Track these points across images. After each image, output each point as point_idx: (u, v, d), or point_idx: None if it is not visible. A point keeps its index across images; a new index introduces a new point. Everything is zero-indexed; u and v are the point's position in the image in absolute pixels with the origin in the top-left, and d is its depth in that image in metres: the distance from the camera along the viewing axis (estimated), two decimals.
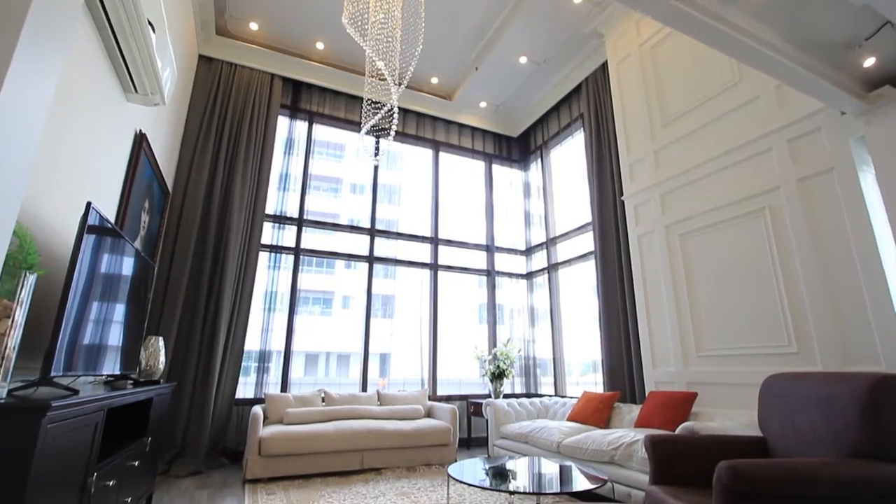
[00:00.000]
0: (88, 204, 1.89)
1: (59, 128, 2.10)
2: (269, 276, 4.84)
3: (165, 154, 4.03)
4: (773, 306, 3.02)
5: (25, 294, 1.52)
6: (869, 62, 2.43)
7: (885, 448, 1.55)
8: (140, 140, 3.18)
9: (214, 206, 4.45)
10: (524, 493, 2.29)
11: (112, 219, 2.89)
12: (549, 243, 5.92)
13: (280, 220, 5.02)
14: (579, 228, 5.38)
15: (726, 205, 3.38)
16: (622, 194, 4.41)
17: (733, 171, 3.38)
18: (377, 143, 4.66)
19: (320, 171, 6.37)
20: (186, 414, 3.99)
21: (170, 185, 4.25)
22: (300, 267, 5.03)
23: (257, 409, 3.74)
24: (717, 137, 3.52)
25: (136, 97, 2.93)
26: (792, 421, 1.93)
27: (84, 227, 1.84)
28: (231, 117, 4.75)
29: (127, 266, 2.49)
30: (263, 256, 4.82)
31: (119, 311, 2.46)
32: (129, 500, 2.31)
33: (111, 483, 1.97)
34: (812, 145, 2.91)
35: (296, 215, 5.14)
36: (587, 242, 5.16)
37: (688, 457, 2.11)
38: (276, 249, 4.93)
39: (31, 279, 1.55)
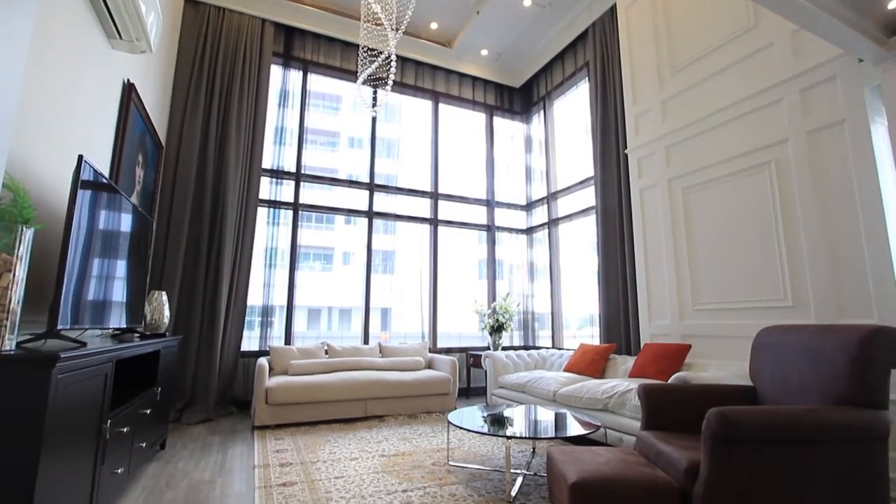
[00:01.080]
0: (80, 157, 1.85)
1: (42, 78, 2.02)
2: (269, 232, 4.83)
3: (156, 106, 3.91)
4: (772, 261, 3.03)
5: (24, 248, 1.52)
6: (893, 4, 2.30)
7: (868, 396, 1.60)
8: (129, 90, 3.07)
9: (210, 160, 4.37)
10: (520, 437, 2.39)
11: (106, 173, 2.84)
12: (550, 198, 5.86)
13: (277, 174, 4.94)
14: (581, 183, 5.31)
15: (732, 158, 3.32)
16: (626, 147, 4.31)
17: (741, 122, 3.29)
18: (375, 93, 4.50)
19: (317, 125, 6.20)
20: (194, 365, 4.11)
21: (162, 138, 4.15)
22: (299, 223, 5.02)
23: (262, 360, 3.85)
24: (727, 87, 3.39)
25: (121, 44, 2.79)
26: (782, 371, 1.98)
27: (78, 180, 1.80)
28: (222, 66, 4.56)
29: (125, 220, 2.48)
30: (262, 212, 4.79)
31: (121, 265, 2.47)
32: (144, 444, 2.43)
33: (125, 429, 2.06)
34: (825, 95, 2.81)
35: (293, 170, 5.06)
36: (588, 197, 5.11)
37: (679, 405, 2.19)
38: (274, 205, 4.89)
39: (28, 233, 1.54)
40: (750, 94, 3.20)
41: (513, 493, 2.28)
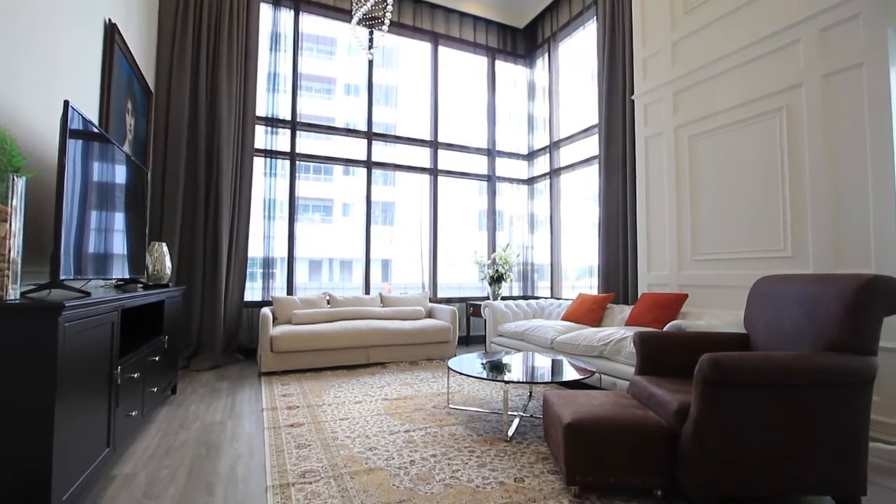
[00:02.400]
0: (66, 103, 1.78)
1: (18, 16, 1.90)
2: (267, 184, 4.77)
3: (142, 51, 3.72)
4: (775, 210, 3.00)
5: (18, 197, 1.50)
6: None
7: (859, 343, 1.63)
8: (111, 31, 2.91)
9: (201, 107, 4.22)
10: (518, 382, 2.48)
11: (95, 119, 2.75)
12: (552, 147, 5.73)
13: (272, 122, 4.80)
14: (584, 131, 5.17)
15: (742, 104, 3.20)
16: (632, 93, 4.16)
17: (755, 66, 3.14)
18: (371, 34, 4.27)
19: (311, 70, 5.94)
20: (199, 315, 4.20)
21: (151, 85, 3.99)
22: (297, 173, 4.94)
23: (266, 310, 3.92)
24: (742, 26, 3.21)
25: None
26: (776, 319, 2.02)
27: (66, 126, 1.75)
28: (208, 5, 4.30)
29: (118, 167, 2.43)
30: (259, 162, 4.70)
31: (119, 214, 2.45)
32: (155, 389, 2.52)
33: (136, 375, 2.13)
34: (845, 35, 2.67)
35: (289, 118, 4.91)
36: (591, 146, 5.00)
37: (673, 351, 2.25)
38: (271, 154, 4.78)
39: (20, 182, 1.51)
40: (766, 34, 3.04)
41: (510, 433, 2.39)
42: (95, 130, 2.08)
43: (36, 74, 2.07)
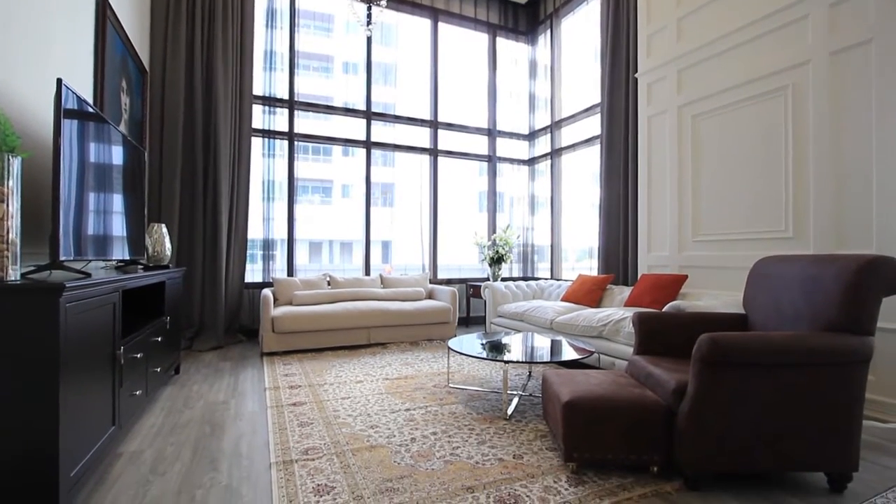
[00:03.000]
0: (59, 81, 1.75)
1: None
2: (265, 164, 4.73)
3: (135, 28, 3.64)
4: (777, 191, 2.98)
5: (14, 178, 1.48)
6: None
7: (857, 323, 1.64)
8: (103, 7, 2.83)
9: (198, 86, 4.16)
10: (517, 362, 2.50)
11: (89, 98, 2.71)
12: (554, 127, 5.66)
13: (270, 101, 4.73)
14: (586, 111, 5.10)
15: (748, 82, 3.15)
16: (636, 71, 4.08)
17: (761, 43, 3.08)
18: (369, 9, 4.17)
19: (308, 48, 5.83)
20: (200, 296, 4.21)
21: (146, 63, 3.91)
22: (296, 154, 4.89)
23: (267, 291, 3.94)
24: (750, 2, 3.13)
25: None
26: (775, 300, 2.03)
27: (60, 105, 1.72)
28: None
29: (115, 145, 2.40)
30: (257, 143, 4.66)
31: (116, 194, 2.43)
32: (159, 369, 2.55)
33: (139, 355, 2.15)
34: (855, 11, 2.60)
35: (286, 97, 4.83)
36: (593, 126, 4.94)
37: (671, 331, 2.26)
38: (269, 134, 4.73)
39: (15, 162, 1.49)
40: (774, 9, 2.97)
41: (509, 412, 2.43)
42: (90, 110, 2.05)
43: (28, 51, 2.03)
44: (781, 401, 1.63)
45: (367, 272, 5.30)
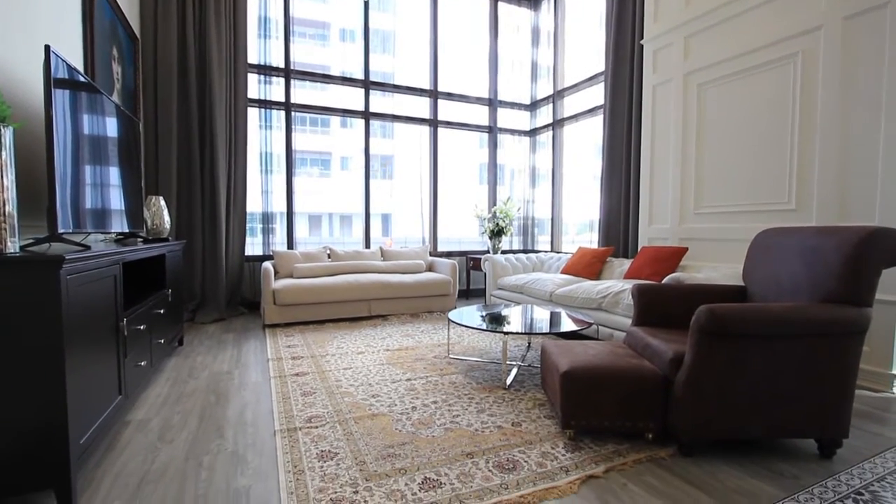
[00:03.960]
0: (47, 48, 1.69)
1: None
2: (263, 136, 4.65)
3: None
4: (781, 162, 2.94)
5: (7, 149, 1.46)
6: None
7: (857, 294, 1.65)
8: None
9: (190, 53, 4.04)
10: (516, 333, 2.53)
11: (80, 67, 2.64)
12: (556, 97, 5.55)
13: (265, 70, 4.61)
14: (589, 80, 4.98)
15: (757, 49, 3.06)
16: (642, 38, 3.96)
17: (772, 7, 2.97)
18: None
19: (304, 14, 5.65)
20: (201, 269, 4.23)
21: (136, 30, 3.79)
22: (293, 125, 4.81)
23: (267, 264, 3.95)
24: None
25: None
26: (774, 271, 2.03)
27: (49, 72, 1.67)
28: None
29: (108, 115, 2.36)
30: (253, 113, 4.57)
31: (112, 165, 2.40)
32: (162, 341, 2.58)
33: (142, 327, 2.18)
34: None
35: (282, 65, 4.71)
36: (596, 96, 4.84)
37: (670, 303, 2.28)
38: (265, 105, 4.63)
39: (7, 133, 1.47)
40: None
41: (508, 382, 2.47)
42: (81, 78, 2.00)
43: (14, 17, 1.96)
44: (777, 371, 1.65)
45: (368, 245, 5.30)
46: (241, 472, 1.59)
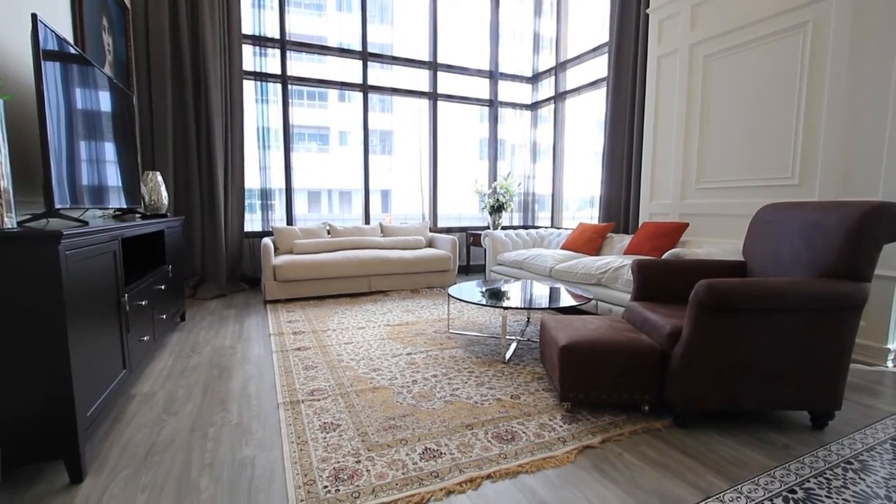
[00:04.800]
0: (34, 17, 1.64)
1: None
2: (259, 110, 4.57)
3: None
4: (786, 136, 2.90)
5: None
6: None
7: (856, 269, 1.65)
8: None
9: (183, 22, 3.93)
10: (515, 308, 2.54)
11: (69, 37, 2.57)
12: (559, 69, 5.42)
13: (260, 42, 4.49)
14: (593, 51, 4.86)
15: (766, 18, 2.97)
16: (647, 7, 3.85)
17: None
18: None
19: None
20: (201, 246, 4.23)
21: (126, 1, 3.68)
22: (290, 99, 4.71)
23: (267, 240, 3.94)
24: None
25: None
26: (775, 246, 2.02)
27: (38, 42, 1.63)
28: None
29: (101, 89, 2.31)
30: (249, 87, 4.47)
31: (107, 140, 2.37)
32: (164, 316, 2.60)
33: (144, 303, 2.19)
34: None
35: (277, 36, 4.59)
36: (600, 68, 4.73)
37: (670, 278, 2.28)
38: (261, 77, 4.53)
39: None
40: None
41: (507, 356, 2.50)
42: (71, 49, 1.95)
43: None
44: (774, 345, 1.67)
45: (367, 221, 5.28)
46: (245, 442, 1.63)
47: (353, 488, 1.34)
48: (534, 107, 5.90)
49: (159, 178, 3.07)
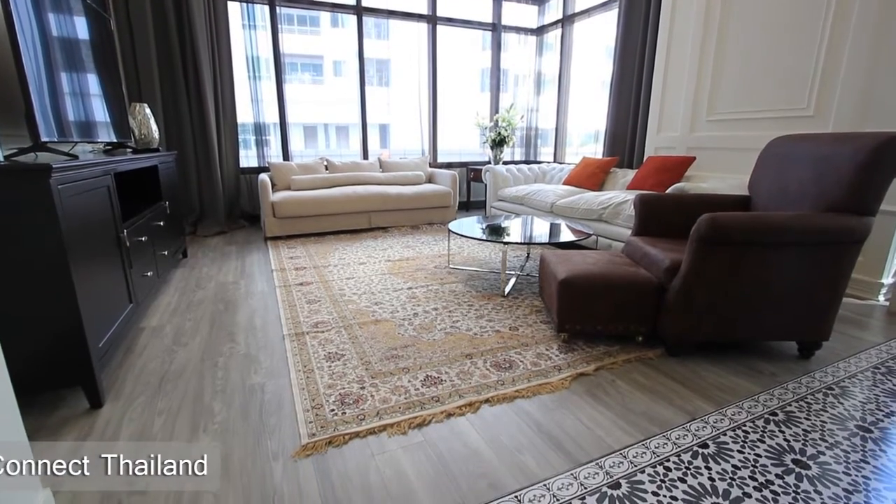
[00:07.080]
0: None
1: None
2: (247, 37, 4.29)
3: None
4: (806, 64, 2.74)
5: None
6: None
7: (863, 203, 1.62)
8: None
9: None
10: (515, 243, 2.55)
11: None
12: None
13: None
14: None
15: None
16: None
17: None
18: None
19: None
20: (197, 182, 4.16)
21: None
22: (279, 24, 4.41)
23: (264, 176, 3.87)
24: None
25: None
26: (782, 181, 1.98)
27: None
28: None
29: (75, 12, 2.15)
30: (235, 10, 4.17)
31: (88, 68, 2.25)
32: (166, 253, 2.62)
33: (144, 238, 2.19)
34: None
35: None
36: None
37: (672, 213, 2.26)
38: None
39: None
40: None
41: (506, 290, 2.55)
42: None
43: None
44: (771, 278, 1.68)
45: (366, 156, 5.15)
46: (254, 370, 1.70)
47: (358, 411, 1.42)
48: (539, 31, 5.53)
49: (147, 110, 2.95)
